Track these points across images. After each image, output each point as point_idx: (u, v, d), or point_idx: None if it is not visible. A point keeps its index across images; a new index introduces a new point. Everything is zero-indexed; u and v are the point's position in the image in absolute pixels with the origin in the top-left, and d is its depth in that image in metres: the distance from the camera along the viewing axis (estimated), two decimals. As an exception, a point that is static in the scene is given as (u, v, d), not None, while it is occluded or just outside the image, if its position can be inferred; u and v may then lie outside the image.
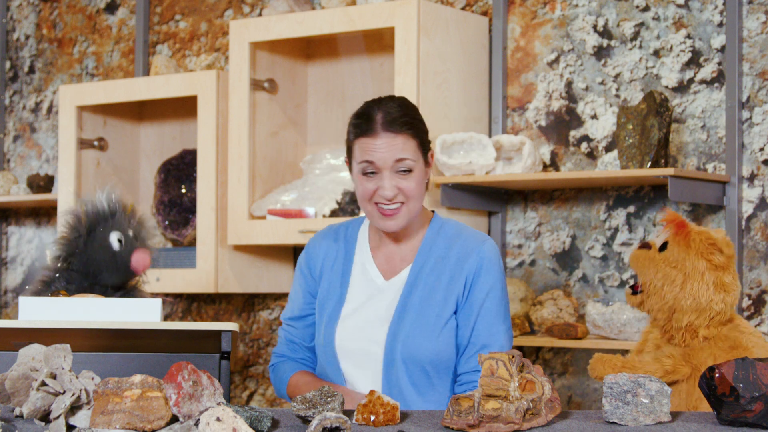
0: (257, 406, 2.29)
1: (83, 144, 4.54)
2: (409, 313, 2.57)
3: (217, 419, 1.70)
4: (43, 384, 1.84)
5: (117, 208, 3.04)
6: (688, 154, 3.63)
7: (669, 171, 3.34)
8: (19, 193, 4.80)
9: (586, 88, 3.81)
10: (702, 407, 2.50)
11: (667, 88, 3.66)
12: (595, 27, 3.80)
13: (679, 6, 3.66)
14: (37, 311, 2.44)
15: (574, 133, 3.82)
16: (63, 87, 4.54)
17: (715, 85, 3.59)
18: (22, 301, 2.45)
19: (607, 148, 3.75)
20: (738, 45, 3.53)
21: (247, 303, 4.51)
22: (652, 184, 3.64)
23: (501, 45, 3.93)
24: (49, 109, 5.05)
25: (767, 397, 1.89)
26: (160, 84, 4.30)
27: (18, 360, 1.91)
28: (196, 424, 1.76)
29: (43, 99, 5.08)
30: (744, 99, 3.55)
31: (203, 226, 4.17)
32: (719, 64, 3.59)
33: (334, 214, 3.96)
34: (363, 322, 2.59)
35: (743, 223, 3.54)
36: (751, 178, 3.53)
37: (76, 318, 2.44)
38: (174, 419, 1.81)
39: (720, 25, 3.59)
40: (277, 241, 3.97)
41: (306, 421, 1.92)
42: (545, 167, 3.85)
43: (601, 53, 3.78)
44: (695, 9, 3.63)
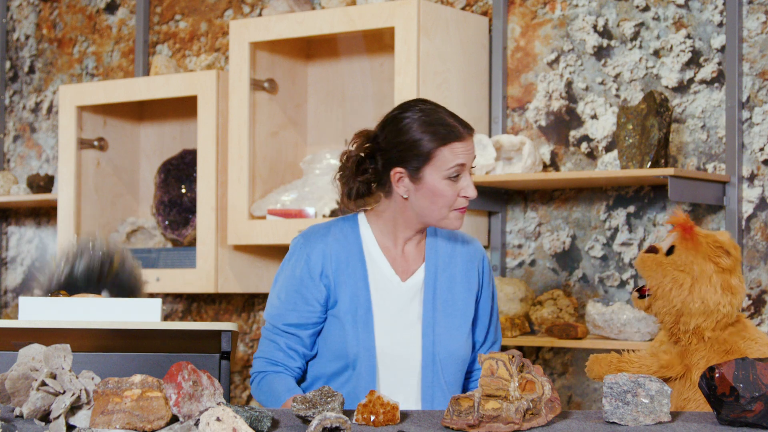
0: (257, 406, 2.29)
1: (83, 144, 4.54)
2: (437, 312, 2.59)
3: (217, 419, 1.70)
4: (43, 384, 1.84)
5: (105, 265, 3.10)
6: (688, 154, 3.63)
7: (669, 171, 3.34)
8: (19, 193, 4.80)
9: (586, 88, 3.81)
10: (688, 408, 2.50)
11: (667, 88, 3.66)
12: (595, 27, 3.80)
13: (679, 6, 3.66)
14: (37, 311, 2.44)
15: (574, 133, 3.82)
16: (63, 87, 4.54)
17: (715, 85, 3.59)
18: (22, 301, 2.45)
19: (607, 148, 3.75)
20: (738, 45, 3.53)
21: (247, 303, 4.51)
22: (652, 184, 3.64)
23: (501, 45, 3.93)
24: (49, 109, 5.05)
25: (767, 397, 1.89)
26: (160, 84, 4.30)
27: (18, 360, 1.91)
28: (196, 424, 1.76)
29: (43, 99, 5.08)
30: (744, 99, 3.55)
31: (203, 226, 4.17)
32: (719, 64, 3.59)
33: (334, 214, 3.96)
34: (397, 325, 2.57)
35: (743, 223, 3.54)
36: (751, 178, 3.53)
37: (76, 318, 2.44)
38: (174, 419, 1.81)
39: (720, 25, 3.59)
40: (277, 241, 3.97)
41: (306, 421, 1.92)
42: (545, 167, 3.85)
43: (601, 53, 3.78)
44: (695, 9, 3.63)
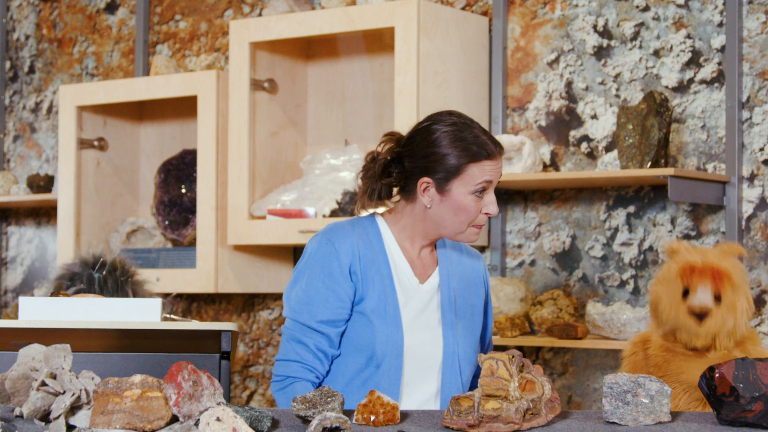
0: (257, 406, 2.29)
1: (83, 144, 4.54)
2: (455, 315, 2.63)
3: (217, 419, 1.70)
4: (43, 384, 1.84)
5: (108, 271, 3.15)
6: (688, 154, 3.63)
7: (669, 171, 3.34)
8: (19, 193, 4.80)
9: (586, 88, 3.80)
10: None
11: (667, 88, 3.66)
12: (595, 27, 3.80)
13: (679, 6, 3.66)
14: (37, 311, 2.45)
15: (574, 133, 3.82)
16: (63, 87, 4.54)
17: (715, 85, 3.59)
18: (22, 301, 2.45)
19: (607, 148, 3.75)
20: (738, 45, 3.53)
21: (247, 303, 4.51)
22: (652, 184, 3.64)
23: (501, 45, 3.93)
24: (49, 109, 5.05)
25: (767, 397, 1.89)
26: (160, 84, 4.30)
27: (18, 360, 1.91)
28: (196, 424, 1.76)
29: (43, 99, 5.08)
30: (744, 99, 3.55)
31: (203, 226, 4.17)
32: (719, 64, 3.59)
33: (334, 214, 3.96)
34: (421, 326, 2.59)
35: (743, 223, 3.54)
36: (751, 178, 3.53)
37: (76, 318, 2.44)
38: (174, 419, 1.81)
39: (720, 25, 3.59)
40: (277, 241, 3.97)
41: (306, 421, 1.92)
42: (545, 167, 3.85)
43: (601, 53, 3.78)
44: (695, 9, 3.63)
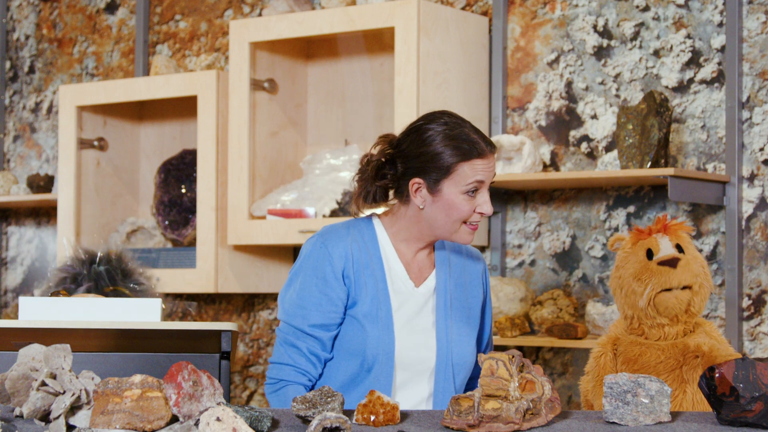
0: (257, 406, 2.29)
1: (83, 144, 4.54)
2: (450, 319, 2.62)
3: (217, 419, 1.70)
4: (43, 384, 1.84)
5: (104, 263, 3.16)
6: (688, 154, 3.63)
7: (669, 171, 3.34)
8: (19, 193, 4.80)
9: (586, 88, 3.80)
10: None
11: (667, 88, 3.66)
12: (595, 27, 3.80)
13: (679, 6, 3.66)
14: (37, 311, 2.44)
15: (574, 133, 3.82)
16: (63, 87, 4.54)
17: (715, 85, 3.59)
18: (22, 301, 2.45)
19: (607, 148, 3.75)
20: (738, 45, 3.53)
21: (247, 303, 4.51)
22: (652, 184, 3.64)
23: (501, 45, 3.93)
24: (49, 109, 5.05)
25: (767, 397, 1.89)
26: (160, 84, 4.30)
27: (18, 360, 1.91)
28: (196, 424, 1.76)
29: (43, 99, 5.08)
30: (744, 99, 3.55)
31: (203, 226, 4.17)
32: (719, 64, 3.59)
33: (334, 214, 3.96)
34: (414, 329, 2.59)
35: (743, 223, 3.54)
36: (751, 178, 3.53)
37: (76, 318, 2.44)
38: (174, 419, 1.81)
39: (720, 25, 3.59)
40: (277, 241, 3.97)
41: (306, 421, 1.92)
42: (545, 167, 3.85)
43: (601, 53, 3.78)
44: (695, 9, 3.63)
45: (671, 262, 2.62)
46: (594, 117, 3.79)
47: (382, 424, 1.93)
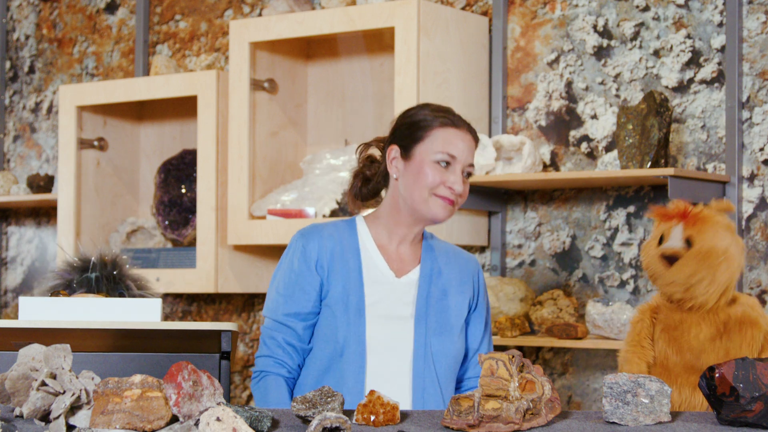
0: (257, 406, 2.29)
1: (83, 144, 4.54)
2: (430, 309, 2.64)
3: (217, 419, 1.70)
4: (43, 384, 1.84)
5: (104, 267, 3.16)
6: (688, 154, 3.63)
7: (669, 171, 3.34)
8: (19, 193, 4.80)
9: (586, 88, 3.80)
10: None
11: (667, 88, 3.66)
12: (595, 27, 3.80)
13: (679, 6, 3.66)
14: (37, 311, 2.45)
15: (574, 133, 3.82)
16: (63, 87, 4.54)
17: (715, 85, 3.59)
18: (22, 301, 2.45)
19: (607, 148, 3.75)
20: (738, 45, 3.53)
21: (247, 303, 4.51)
22: (652, 184, 3.64)
23: (501, 45, 3.93)
24: (49, 109, 5.05)
25: (767, 397, 1.89)
26: (160, 84, 4.30)
27: (18, 360, 1.91)
28: (196, 424, 1.76)
29: (43, 99, 5.08)
30: (744, 99, 3.55)
31: (203, 226, 4.17)
32: (719, 64, 3.59)
33: (334, 214, 3.96)
34: (389, 317, 2.62)
35: (743, 223, 3.54)
36: (751, 178, 3.53)
37: (76, 318, 2.44)
38: (174, 419, 1.81)
39: (720, 25, 3.59)
40: (277, 241, 3.97)
41: (306, 421, 1.92)
42: (545, 167, 3.85)
43: (601, 53, 3.78)
44: (695, 9, 3.63)
45: (670, 259, 2.63)
46: (594, 117, 3.79)
47: (382, 424, 1.93)
